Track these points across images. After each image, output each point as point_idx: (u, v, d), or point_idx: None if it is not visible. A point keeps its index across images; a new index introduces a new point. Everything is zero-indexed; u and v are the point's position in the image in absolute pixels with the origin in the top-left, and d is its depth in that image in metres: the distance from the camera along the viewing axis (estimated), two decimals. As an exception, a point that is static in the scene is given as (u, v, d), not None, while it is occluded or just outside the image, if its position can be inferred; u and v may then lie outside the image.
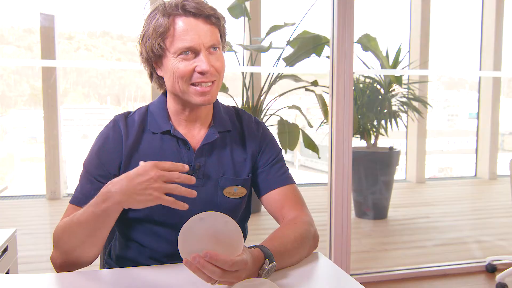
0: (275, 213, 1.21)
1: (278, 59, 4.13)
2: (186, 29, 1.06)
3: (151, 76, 1.18)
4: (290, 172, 1.26)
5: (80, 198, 1.11)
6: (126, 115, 1.20)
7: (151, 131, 1.16)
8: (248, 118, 1.26)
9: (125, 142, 1.15)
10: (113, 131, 1.16)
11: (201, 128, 1.18)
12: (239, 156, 1.20)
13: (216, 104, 1.23)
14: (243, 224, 1.27)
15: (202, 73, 1.07)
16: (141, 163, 0.98)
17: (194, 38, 1.06)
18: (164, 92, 1.20)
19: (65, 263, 1.07)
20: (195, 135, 1.18)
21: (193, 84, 1.09)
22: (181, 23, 1.07)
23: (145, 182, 0.94)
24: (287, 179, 1.22)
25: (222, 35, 1.14)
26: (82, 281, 0.99)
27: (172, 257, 1.15)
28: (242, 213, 1.24)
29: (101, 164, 1.13)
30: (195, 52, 1.07)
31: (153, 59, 1.12)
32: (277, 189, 1.20)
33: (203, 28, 1.07)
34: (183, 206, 0.95)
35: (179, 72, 1.08)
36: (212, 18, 1.09)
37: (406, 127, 5.00)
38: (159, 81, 1.17)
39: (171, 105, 1.17)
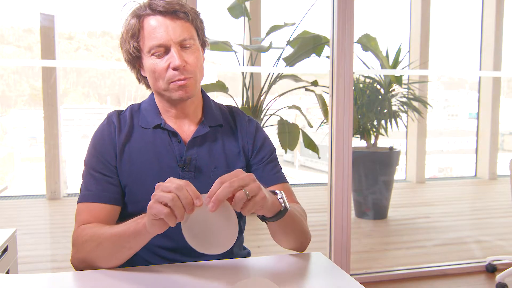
0: None
1: (278, 59, 4.13)
2: (154, 27, 1.09)
3: (137, 77, 1.20)
4: (283, 172, 1.27)
5: (88, 195, 1.12)
6: (119, 112, 1.22)
7: (141, 127, 1.19)
8: (241, 115, 1.28)
9: (118, 137, 1.17)
10: (107, 126, 1.18)
11: (190, 124, 1.20)
12: (232, 150, 1.22)
13: (206, 100, 1.25)
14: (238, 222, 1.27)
15: (175, 69, 1.08)
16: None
17: (162, 35, 1.08)
18: None
19: (84, 268, 1.07)
20: (186, 130, 1.19)
21: (170, 81, 1.10)
22: (150, 22, 1.10)
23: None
24: (280, 178, 1.24)
25: (198, 29, 1.15)
26: (82, 281, 0.99)
27: (174, 251, 1.15)
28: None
29: (101, 157, 1.15)
30: (167, 49, 1.09)
31: (135, 61, 1.15)
32: (271, 187, 1.21)
33: (171, 24, 1.09)
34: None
35: (155, 70, 1.10)
36: (180, 14, 1.10)
37: (406, 127, 4.99)
38: (146, 81, 1.20)
39: (158, 103, 1.20)
